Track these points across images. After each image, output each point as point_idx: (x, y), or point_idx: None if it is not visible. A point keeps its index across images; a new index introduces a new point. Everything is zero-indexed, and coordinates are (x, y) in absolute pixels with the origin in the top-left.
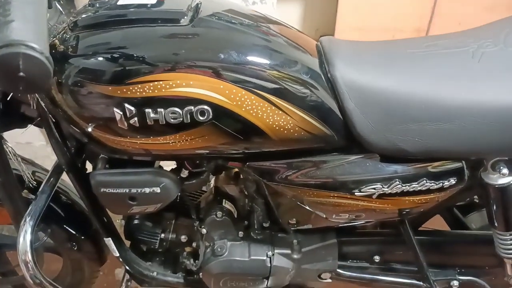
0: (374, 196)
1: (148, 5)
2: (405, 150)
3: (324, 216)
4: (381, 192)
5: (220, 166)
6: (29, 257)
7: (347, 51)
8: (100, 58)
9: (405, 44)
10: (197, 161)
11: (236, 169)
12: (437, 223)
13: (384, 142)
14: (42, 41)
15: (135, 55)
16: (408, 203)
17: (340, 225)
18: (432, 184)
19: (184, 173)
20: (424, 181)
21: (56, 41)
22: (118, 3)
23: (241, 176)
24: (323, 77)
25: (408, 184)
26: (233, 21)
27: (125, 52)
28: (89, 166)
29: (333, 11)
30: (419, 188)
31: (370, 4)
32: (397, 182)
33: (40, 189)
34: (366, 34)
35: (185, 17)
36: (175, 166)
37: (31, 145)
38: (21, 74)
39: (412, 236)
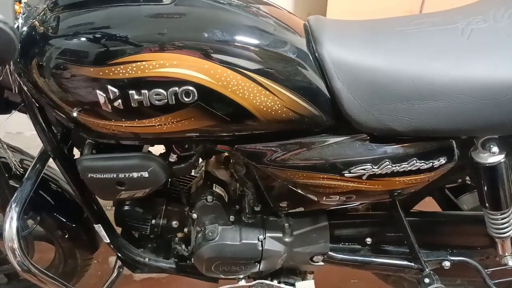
0: (364, 177)
1: None
2: (394, 130)
3: (315, 198)
4: (371, 173)
5: (209, 150)
6: (15, 244)
7: (335, 29)
8: (82, 39)
9: (393, 22)
10: (185, 145)
11: (226, 153)
12: (429, 206)
13: (373, 122)
14: (7, 11)
15: (117, 35)
16: (399, 184)
17: (332, 208)
18: (422, 164)
19: (173, 157)
20: (414, 161)
21: (36, 22)
22: None
23: (231, 160)
24: (310, 57)
25: (398, 164)
26: (219, 1)
27: (106, 32)
28: (76, 153)
29: None
30: (409, 168)
31: None
32: (387, 162)
33: (25, 175)
34: (357, 17)
35: None
36: (164, 151)
37: (22, 135)
38: None
39: (404, 217)
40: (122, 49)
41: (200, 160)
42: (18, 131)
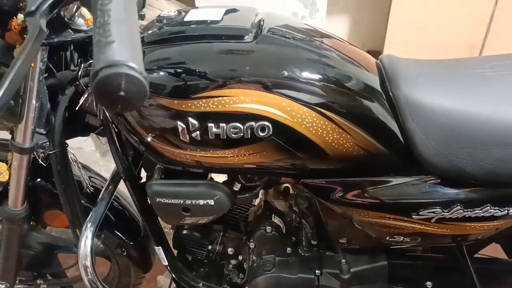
0: (432, 220)
1: (213, 22)
2: (470, 174)
3: (378, 237)
4: (441, 217)
5: (272, 181)
6: (88, 262)
7: (409, 70)
8: (166, 73)
9: (469, 64)
10: (251, 175)
11: (286, 184)
12: (490, 250)
13: (446, 165)
14: (140, 61)
15: (200, 71)
16: (469, 229)
17: (391, 247)
18: (497, 210)
19: (237, 186)
20: (488, 207)
21: None
22: (185, 19)
23: (293, 192)
24: (384, 96)
25: (470, 210)
26: (296, 38)
27: (190, 67)
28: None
29: (381, 26)
30: (482, 214)
31: (422, 19)
32: (458, 206)
33: (99, 196)
34: (416, 50)
35: (250, 34)
36: (226, 178)
37: (82, 150)
38: (121, 93)
39: (470, 264)
40: (205, 84)
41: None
42: (79, 146)
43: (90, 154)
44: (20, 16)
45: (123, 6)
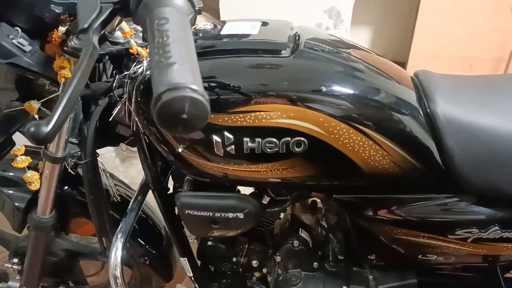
0: (469, 240)
1: (250, 35)
2: (509, 194)
3: (410, 255)
4: (477, 237)
5: (302, 195)
6: (118, 272)
7: (447, 86)
8: (204, 87)
9: (507, 81)
10: (282, 190)
11: (313, 198)
12: None
13: (485, 184)
14: (200, 83)
15: (238, 85)
16: (505, 250)
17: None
18: None
19: (266, 200)
20: None
21: None
22: (221, 32)
23: (322, 206)
24: (421, 112)
25: (509, 230)
26: (332, 52)
27: (228, 81)
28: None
29: (404, 37)
30: None
31: (448, 31)
32: (496, 227)
33: (129, 207)
34: (441, 62)
35: (287, 49)
36: (253, 190)
37: (102, 156)
38: (184, 116)
39: (503, 284)
40: (243, 98)
41: None
42: (100, 153)
43: (110, 160)
44: (61, 29)
45: (180, 26)
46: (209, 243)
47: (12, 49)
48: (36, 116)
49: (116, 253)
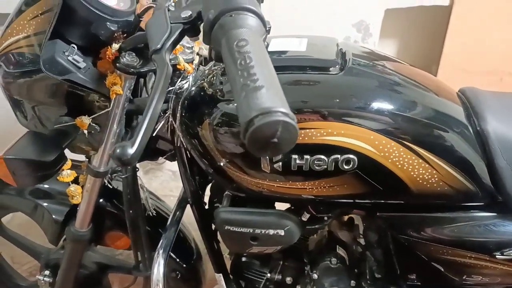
0: None
1: (299, 52)
2: None
3: (453, 275)
4: None
5: (342, 212)
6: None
7: (496, 104)
8: None
9: None
10: (323, 207)
11: (352, 215)
12: None
13: None
14: (287, 105)
15: (288, 102)
16: None
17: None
18: None
19: (305, 216)
20: None
21: (204, 83)
22: (269, 48)
23: (362, 224)
24: (471, 130)
25: None
26: (380, 70)
27: None
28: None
29: (432, 50)
30: None
31: (478, 45)
32: None
33: (168, 222)
34: (471, 75)
35: (336, 66)
36: (290, 206)
37: None
38: (275, 140)
39: None
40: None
41: None
42: None
43: None
44: (115, 46)
45: (259, 47)
46: (244, 259)
47: (67, 65)
48: (85, 131)
49: (159, 268)
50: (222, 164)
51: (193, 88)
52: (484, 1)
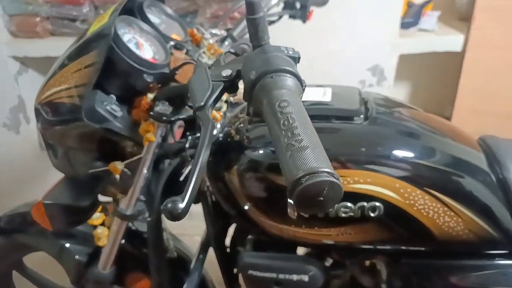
0: None
1: (324, 102)
2: None
3: None
4: None
5: (366, 258)
6: None
7: None
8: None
9: None
10: (347, 252)
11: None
12: None
13: None
14: (331, 165)
15: None
16: None
17: None
18: None
19: (328, 262)
20: None
21: (232, 131)
22: None
23: (385, 270)
24: (493, 179)
25: None
26: (402, 119)
27: None
28: None
29: (445, 93)
30: None
31: (493, 88)
32: None
33: (192, 265)
34: (485, 118)
35: (360, 115)
36: (312, 251)
37: None
38: (321, 198)
39: None
40: None
41: None
42: None
43: None
44: (149, 96)
45: (299, 107)
46: None
47: (106, 115)
48: (117, 176)
49: None
50: (247, 207)
51: (221, 135)
52: (497, 46)
